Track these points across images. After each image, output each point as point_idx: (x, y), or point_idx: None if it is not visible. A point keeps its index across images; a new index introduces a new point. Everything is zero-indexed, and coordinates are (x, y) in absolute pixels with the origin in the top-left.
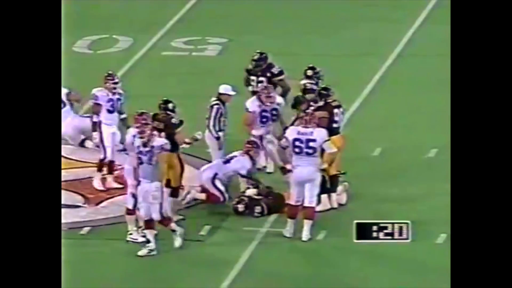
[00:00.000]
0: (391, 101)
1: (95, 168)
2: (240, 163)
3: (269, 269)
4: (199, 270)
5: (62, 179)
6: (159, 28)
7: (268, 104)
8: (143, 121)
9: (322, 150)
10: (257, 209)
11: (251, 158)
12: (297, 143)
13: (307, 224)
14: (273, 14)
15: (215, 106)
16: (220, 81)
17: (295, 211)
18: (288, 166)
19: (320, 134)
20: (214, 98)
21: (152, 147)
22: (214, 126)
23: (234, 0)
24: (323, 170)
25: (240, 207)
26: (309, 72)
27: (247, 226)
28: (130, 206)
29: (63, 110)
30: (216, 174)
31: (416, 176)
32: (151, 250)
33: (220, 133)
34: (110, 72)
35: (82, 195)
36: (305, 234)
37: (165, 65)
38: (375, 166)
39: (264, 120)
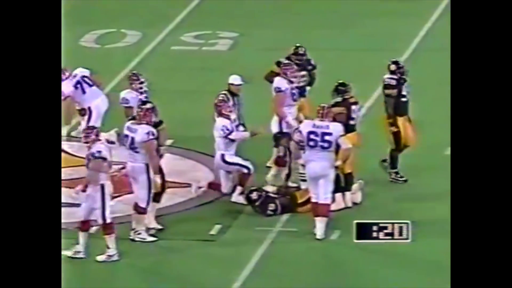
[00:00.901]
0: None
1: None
2: (216, 126)
3: (281, 269)
4: (210, 270)
5: (68, 177)
6: (169, 22)
7: (294, 80)
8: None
9: (337, 147)
10: (271, 206)
11: (225, 116)
12: (312, 136)
13: (321, 221)
14: (286, 8)
15: (219, 96)
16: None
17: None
18: (300, 161)
19: (336, 128)
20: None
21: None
22: None
23: None
24: (337, 167)
25: (254, 195)
26: (392, 67)
27: (259, 226)
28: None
29: (91, 89)
30: (223, 154)
31: (434, 174)
32: (78, 252)
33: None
34: (134, 72)
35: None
36: (320, 233)
37: (175, 60)
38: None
39: (294, 98)
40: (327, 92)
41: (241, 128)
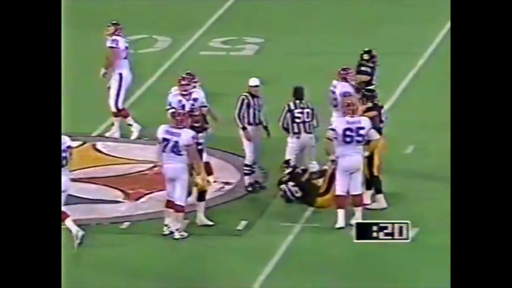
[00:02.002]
0: (424, 99)
1: (134, 165)
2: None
3: (304, 263)
4: (237, 264)
5: (103, 175)
6: (197, 28)
7: (353, 83)
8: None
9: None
10: (300, 169)
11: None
12: (348, 132)
13: (358, 211)
14: (309, 14)
15: (240, 98)
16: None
17: (344, 201)
18: (332, 157)
19: (366, 122)
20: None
21: (69, 147)
22: (239, 116)
23: (271, 0)
24: (366, 157)
25: (292, 162)
26: None
27: (283, 221)
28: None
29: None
30: None
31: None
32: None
33: (249, 126)
34: (188, 73)
35: (122, 190)
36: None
37: (203, 65)
38: (409, 164)
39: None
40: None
41: (253, 127)
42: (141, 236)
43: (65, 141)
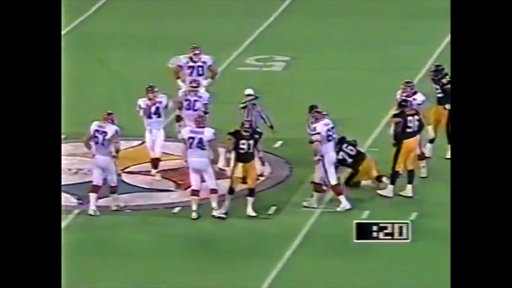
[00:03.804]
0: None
1: (183, 160)
2: None
3: (323, 241)
4: (268, 241)
5: (161, 168)
6: (236, 48)
7: (402, 94)
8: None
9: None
10: (353, 140)
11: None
12: (329, 132)
13: (341, 197)
14: (327, 36)
15: (253, 107)
16: (284, 91)
17: (342, 187)
18: (318, 156)
19: (330, 121)
20: (244, 102)
21: (104, 132)
22: (256, 124)
23: (296, 24)
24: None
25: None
26: None
27: (306, 207)
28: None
29: (201, 78)
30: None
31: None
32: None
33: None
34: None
35: (173, 181)
36: (344, 204)
37: (240, 78)
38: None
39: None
40: (360, 103)
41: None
42: (189, 218)
43: (97, 127)
